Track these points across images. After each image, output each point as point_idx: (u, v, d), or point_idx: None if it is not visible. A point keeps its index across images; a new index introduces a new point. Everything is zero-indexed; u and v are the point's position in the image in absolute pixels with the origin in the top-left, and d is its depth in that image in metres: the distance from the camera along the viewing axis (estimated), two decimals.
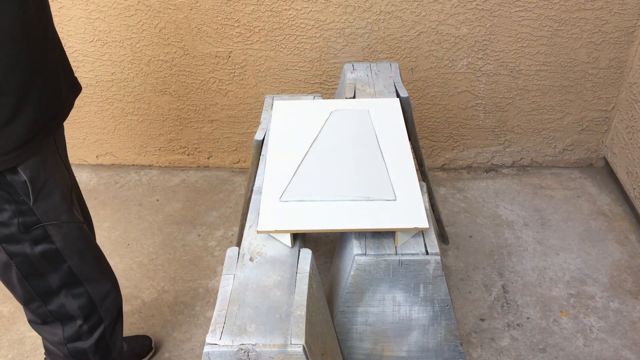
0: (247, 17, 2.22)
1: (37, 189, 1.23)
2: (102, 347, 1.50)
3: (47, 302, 1.38)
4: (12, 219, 1.22)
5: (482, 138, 2.53)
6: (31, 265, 1.30)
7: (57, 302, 1.39)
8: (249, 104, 2.46)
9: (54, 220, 1.28)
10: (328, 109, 1.66)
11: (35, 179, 1.22)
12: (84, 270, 1.39)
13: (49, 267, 1.33)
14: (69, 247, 1.33)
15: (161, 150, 2.64)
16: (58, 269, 1.34)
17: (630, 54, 2.26)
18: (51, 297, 1.38)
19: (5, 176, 1.18)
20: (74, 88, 1.33)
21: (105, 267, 1.49)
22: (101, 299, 1.45)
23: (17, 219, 1.22)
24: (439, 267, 1.29)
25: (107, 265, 1.50)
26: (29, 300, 1.37)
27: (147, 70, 2.39)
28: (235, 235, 2.29)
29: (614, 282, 2.03)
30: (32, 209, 1.23)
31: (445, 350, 1.43)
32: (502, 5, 2.15)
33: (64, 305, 1.40)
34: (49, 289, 1.36)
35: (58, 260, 1.33)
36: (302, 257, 1.24)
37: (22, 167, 1.19)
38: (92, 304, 1.43)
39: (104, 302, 1.46)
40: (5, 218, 1.21)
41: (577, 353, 1.80)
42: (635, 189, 2.27)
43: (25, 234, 1.25)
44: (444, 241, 2.21)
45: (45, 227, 1.27)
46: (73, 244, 1.34)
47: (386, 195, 1.33)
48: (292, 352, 1.05)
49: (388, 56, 2.30)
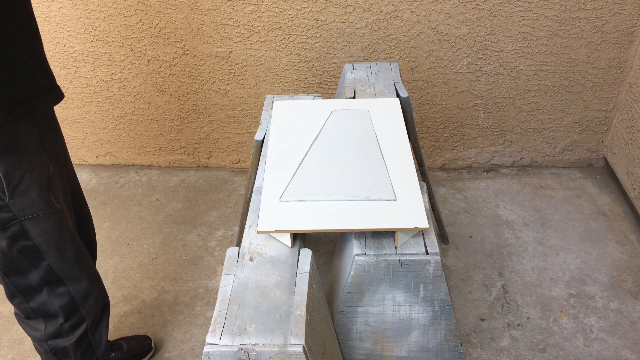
0: (247, 17, 2.22)
1: (12, 185, 1.20)
2: (83, 345, 1.49)
3: (28, 299, 1.37)
4: None
5: (482, 138, 2.53)
6: (10, 261, 1.29)
7: (38, 300, 1.38)
8: (249, 104, 2.46)
9: (31, 215, 1.25)
10: (328, 109, 1.66)
11: (10, 174, 1.19)
12: (63, 268, 1.37)
13: (28, 263, 1.32)
14: (46, 243, 1.31)
15: (161, 150, 2.64)
16: (38, 266, 1.33)
17: (630, 54, 2.26)
18: (33, 295, 1.37)
19: None
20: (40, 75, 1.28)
21: (87, 264, 1.46)
22: (83, 298, 1.43)
23: None
24: (439, 267, 1.29)
25: (89, 262, 1.47)
26: (11, 295, 1.37)
27: (147, 70, 2.39)
28: (235, 235, 2.29)
29: (614, 282, 2.03)
30: (8, 205, 1.21)
31: (445, 350, 1.43)
32: (502, 5, 2.15)
33: (46, 304, 1.39)
34: (29, 287, 1.35)
35: (36, 256, 1.31)
36: (302, 257, 1.24)
37: None
38: (73, 303, 1.42)
39: (86, 301, 1.45)
40: None
41: (577, 353, 1.80)
42: (635, 189, 2.27)
43: (1, 231, 1.23)
44: (444, 241, 2.21)
45: (22, 223, 1.25)
46: (51, 240, 1.32)
47: (386, 195, 1.33)
48: (292, 352, 1.05)
49: (388, 56, 2.30)
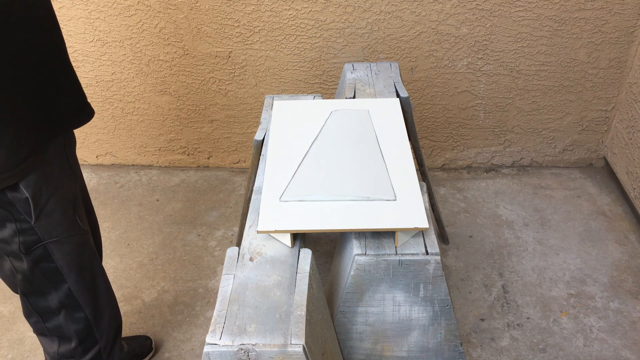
0: (247, 17, 2.22)
1: (39, 207, 1.18)
2: None
3: (45, 320, 1.36)
4: (14, 237, 1.18)
5: (482, 138, 2.53)
6: (31, 283, 1.27)
7: (55, 322, 1.37)
8: (249, 104, 2.46)
9: (55, 237, 1.23)
10: (328, 109, 1.66)
11: (37, 196, 1.17)
12: (82, 291, 1.36)
13: (49, 285, 1.30)
14: (68, 266, 1.30)
15: (161, 150, 2.64)
16: (58, 289, 1.32)
17: (630, 54, 2.26)
18: (50, 316, 1.36)
19: (6, 194, 1.13)
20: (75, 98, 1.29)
21: (104, 284, 1.46)
22: (98, 320, 1.43)
23: (17, 237, 1.18)
24: (439, 267, 1.29)
25: (106, 282, 1.47)
26: (29, 314, 1.36)
27: (147, 70, 2.39)
28: (235, 235, 2.29)
29: (614, 282, 2.03)
30: (34, 228, 1.19)
31: (445, 350, 1.43)
32: (502, 5, 2.15)
33: (61, 327, 1.38)
34: (48, 308, 1.34)
35: (58, 279, 1.30)
36: (302, 257, 1.24)
37: (24, 183, 1.14)
38: (88, 327, 1.41)
39: (101, 323, 1.44)
40: (7, 236, 1.17)
41: (577, 353, 1.80)
42: (635, 189, 2.27)
43: (26, 254, 1.21)
44: (444, 241, 2.21)
45: (46, 246, 1.23)
46: (72, 262, 1.31)
47: (386, 195, 1.33)
48: (292, 352, 1.05)
49: (388, 56, 2.30)
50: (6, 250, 1.21)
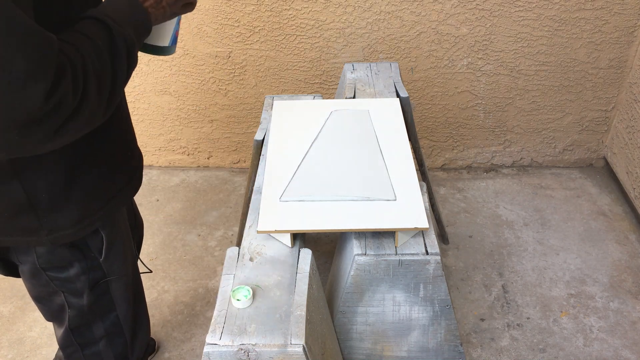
0: (247, 17, 2.22)
1: (110, 244, 1.18)
2: None
3: (84, 349, 1.33)
4: (80, 276, 1.17)
5: (482, 138, 2.53)
6: (83, 317, 1.25)
7: (94, 349, 1.34)
8: (249, 104, 2.46)
9: (118, 273, 1.23)
10: (328, 109, 1.66)
11: (111, 234, 1.17)
12: (129, 318, 1.34)
13: (98, 316, 1.28)
14: (122, 297, 1.29)
15: (161, 150, 2.64)
16: (105, 318, 1.30)
17: (630, 54, 2.26)
18: (90, 346, 1.33)
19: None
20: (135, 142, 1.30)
21: (145, 304, 1.45)
22: (134, 340, 1.41)
23: (86, 275, 1.17)
24: (439, 267, 1.29)
25: (144, 300, 1.46)
26: (66, 345, 1.32)
27: (147, 70, 2.39)
28: (235, 235, 2.29)
29: (614, 282, 2.03)
30: (101, 264, 1.19)
31: (445, 350, 1.43)
32: (502, 5, 2.15)
33: (100, 354, 1.35)
34: (91, 339, 1.31)
35: (109, 309, 1.29)
36: (302, 257, 1.24)
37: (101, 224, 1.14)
38: (125, 349, 1.39)
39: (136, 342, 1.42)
40: (72, 275, 1.16)
41: (577, 353, 1.80)
42: (635, 189, 2.27)
43: (90, 290, 1.20)
44: (444, 241, 2.21)
45: (109, 282, 1.23)
46: (126, 294, 1.30)
47: (386, 195, 1.33)
48: (292, 352, 1.05)
49: (388, 56, 2.30)
50: (66, 287, 1.19)
